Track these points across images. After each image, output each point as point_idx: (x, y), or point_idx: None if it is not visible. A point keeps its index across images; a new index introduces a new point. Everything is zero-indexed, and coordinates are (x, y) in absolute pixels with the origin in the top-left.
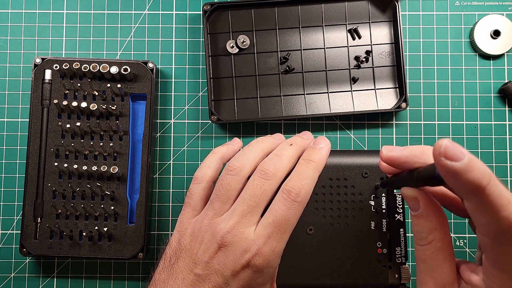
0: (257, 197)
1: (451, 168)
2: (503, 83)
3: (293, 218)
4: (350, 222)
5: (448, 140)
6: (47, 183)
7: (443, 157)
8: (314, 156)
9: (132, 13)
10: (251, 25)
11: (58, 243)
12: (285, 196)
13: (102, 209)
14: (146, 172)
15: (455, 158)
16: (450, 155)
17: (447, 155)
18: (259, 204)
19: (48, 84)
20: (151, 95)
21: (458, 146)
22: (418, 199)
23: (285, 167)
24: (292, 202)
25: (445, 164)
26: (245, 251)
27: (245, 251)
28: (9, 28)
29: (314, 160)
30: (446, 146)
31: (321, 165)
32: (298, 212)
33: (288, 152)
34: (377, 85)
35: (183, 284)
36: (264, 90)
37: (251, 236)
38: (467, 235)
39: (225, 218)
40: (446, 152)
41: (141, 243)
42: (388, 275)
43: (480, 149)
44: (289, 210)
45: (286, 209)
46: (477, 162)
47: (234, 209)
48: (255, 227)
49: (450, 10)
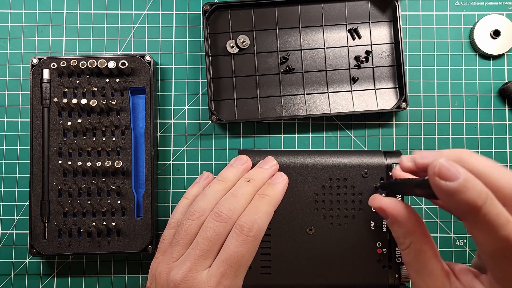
0: (210, 240)
1: (444, 188)
2: (503, 83)
3: (247, 253)
4: (350, 222)
5: (444, 159)
6: (52, 182)
7: (437, 177)
8: (269, 191)
9: (132, 13)
10: (251, 25)
11: (68, 242)
12: (238, 232)
13: (109, 205)
14: (151, 164)
15: (449, 178)
16: (444, 175)
17: (441, 175)
18: (212, 247)
19: (46, 83)
20: (150, 87)
21: (454, 166)
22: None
23: (240, 207)
24: (245, 237)
25: (438, 184)
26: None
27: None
28: (9, 28)
29: (269, 195)
30: (441, 166)
31: (277, 200)
32: (252, 247)
33: (245, 190)
34: (377, 85)
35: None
36: (264, 90)
37: (204, 278)
38: (467, 235)
39: (179, 263)
40: (440, 172)
41: (150, 236)
42: (388, 275)
43: (480, 149)
44: (242, 246)
45: (239, 245)
46: (473, 181)
47: (188, 253)
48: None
49: (450, 10)
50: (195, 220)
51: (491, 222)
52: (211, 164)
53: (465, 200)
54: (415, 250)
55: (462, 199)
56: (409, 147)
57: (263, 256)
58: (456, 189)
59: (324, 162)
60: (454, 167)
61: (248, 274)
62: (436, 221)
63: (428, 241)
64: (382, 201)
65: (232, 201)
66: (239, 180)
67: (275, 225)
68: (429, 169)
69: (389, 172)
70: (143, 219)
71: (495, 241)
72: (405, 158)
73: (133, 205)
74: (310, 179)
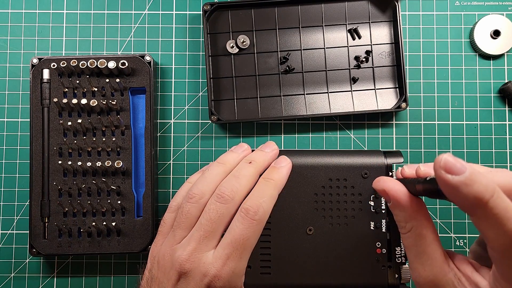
0: (214, 221)
1: (451, 182)
2: (503, 83)
3: (252, 237)
4: (349, 222)
5: (449, 154)
6: (52, 182)
7: (444, 171)
8: (274, 175)
9: (132, 13)
10: (251, 25)
11: (67, 242)
12: (243, 215)
13: (109, 205)
14: (151, 163)
15: (455, 171)
16: (450, 168)
17: (447, 169)
18: (215, 228)
19: (46, 83)
20: (150, 87)
21: (459, 160)
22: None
23: (243, 189)
24: (251, 221)
25: (445, 178)
26: (204, 275)
27: (204, 275)
28: (9, 28)
29: (273, 179)
30: (447, 160)
31: (281, 184)
32: (257, 230)
33: (247, 172)
34: (377, 85)
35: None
36: (264, 90)
37: (209, 259)
38: (467, 235)
39: (183, 244)
40: (446, 166)
41: (150, 236)
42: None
43: (480, 149)
44: (247, 229)
45: (244, 228)
46: (479, 175)
47: (192, 235)
48: (214, 251)
49: (450, 10)
50: (195, 203)
51: (499, 215)
52: None
53: (473, 194)
54: (415, 234)
55: (469, 192)
56: (409, 147)
57: (263, 256)
58: (463, 183)
59: (324, 162)
60: (459, 162)
61: (248, 274)
62: (436, 221)
63: (430, 225)
64: (385, 184)
65: (234, 182)
66: (240, 162)
67: (275, 225)
68: (435, 164)
69: (389, 172)
70: (143, 219)
71: (504, 235)
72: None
73: (133, 205)
74: (310, 179)
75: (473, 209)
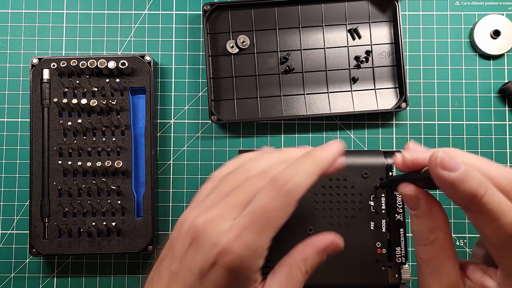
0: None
1: (447, 178)
2: (503, 83)
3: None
4: (349, 222)
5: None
6: (52, 182)
7: (439, 167)
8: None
9: (132, 13)
10: (251, 25)
11: (68, 242)
12: (272, 183)
13: (109, 205)
14: (151, 164)
15: (451, 168)
16: (446, 165)
17: (443, 165)
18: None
19: (46, 83)
20: (150, 87)
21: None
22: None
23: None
24: (278, 190)
25: (441, 175)
26: (213, 245)
27: (213, 245)
28: (9, 28)
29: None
30: (442, 157)
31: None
32: (284, 204)
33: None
34: (377, 85)
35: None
36: (264, 90)
37: (225, 228)
38: (467, 235)
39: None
40: (442, 162)
41: (150, 236)
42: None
43: (480, 149)
44: (273, 199)
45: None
46: (473, 172)
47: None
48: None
49: (450, 10)
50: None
51: (493, 210)
52: (211, 164)
53: (468, 190)
54: (438, 247)
55: (464, 189)
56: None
57: None
58: (458, 179)
59: None
60: (454, 158)
61: None
62: None
63: (451, 240)
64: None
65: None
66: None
67: None
68: (431, 160)
69: (389, 172)
70: (143, 219)
71: (500, 229)
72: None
73: (133, 205)
74: None
75: (469, 205)
